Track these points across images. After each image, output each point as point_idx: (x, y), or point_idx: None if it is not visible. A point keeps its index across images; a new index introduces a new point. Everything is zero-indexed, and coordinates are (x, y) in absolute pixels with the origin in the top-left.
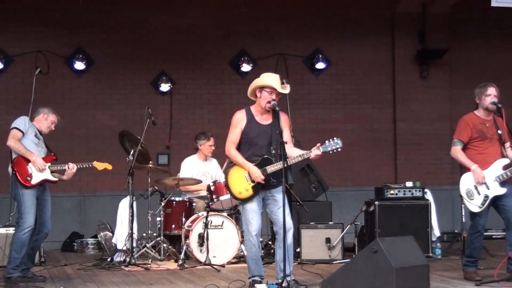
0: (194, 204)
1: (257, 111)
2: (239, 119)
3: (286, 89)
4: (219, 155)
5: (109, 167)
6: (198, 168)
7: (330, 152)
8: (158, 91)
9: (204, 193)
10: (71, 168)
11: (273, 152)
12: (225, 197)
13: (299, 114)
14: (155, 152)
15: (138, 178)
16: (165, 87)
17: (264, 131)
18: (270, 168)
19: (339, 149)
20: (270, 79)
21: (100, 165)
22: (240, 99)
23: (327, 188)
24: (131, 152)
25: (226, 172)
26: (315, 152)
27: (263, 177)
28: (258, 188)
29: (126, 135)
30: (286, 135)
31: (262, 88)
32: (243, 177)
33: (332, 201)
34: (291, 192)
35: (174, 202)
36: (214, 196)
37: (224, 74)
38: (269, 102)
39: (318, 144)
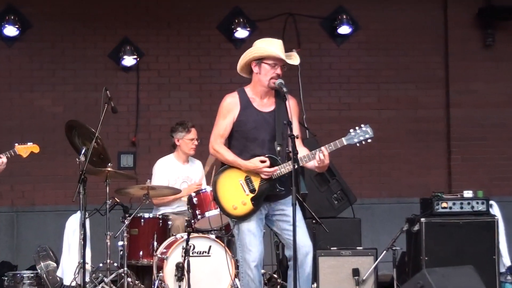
0: (170, 222)
1: (254, 94)
2: (230, 106)
3: (295, 59)
4: (205, 154)
5: (36, 149)
6: (176, 173)
7: (357, 144)
8: (119, 66)
9: (184, 207)
10: None
11: (278, 149)
12: (214, 212)
13: (315, 97)
14: (116, 150)
15: (92, 186)
16: (129, 60)
17: (264, 120)
18: (278, 172)
19: (368, 140)
20: (271, 46)
21: (24, 149)
22: (234, 77)
23: (354, 200)
24: (83, 151)
25: (214, 180)
26: (320, 155)
27: (273, 168)
28: (260, 200)
29: (75, 127)
30: (295, 127)
31: (260, 60)
32: (237, 185)
33: (361, 217)
34: (305, 205)
35: (142, 220)
36: (198, 212)
37: (211, 42)
38: (273, 79)
39: (324, 147)
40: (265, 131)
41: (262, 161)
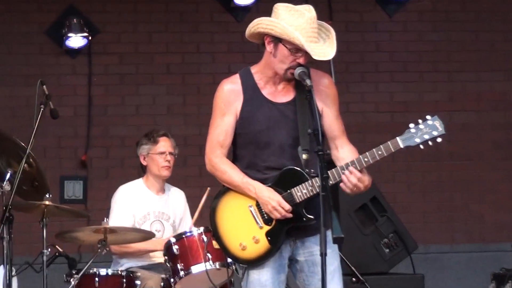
0: (138, 282)
1: (265, 77)
2: (230, 96)
3: (329, 48)
4: (191, 180)
5: None
6: (145, 207)
7: (421, 146)
8: (61, 49)
9: (159, 259)
10: None
11: (305, 157)
12: (201, 267)
13: (356, 93)
14: (57, 174)
15: (22, 229)
16: (76, 40)
17: (281, 116)
18: (301, 191)
19: (438, 139)
20: (297, 23)
21: None
22: (234, 63)
23: (414, 248)
24: (7, 176)
25: (213, 206)
26: (346, 174)
27: (289, 207)
28: (280, 236)
29: None
30: (332, 121)
31: (278, 38)
32: (246, 214)
33: (425, 273)
34: (340, 254)
35: (97, 279)
36: (180, 266)
37: (200, 12)
38: (291, 69)
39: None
40: (283, 132)
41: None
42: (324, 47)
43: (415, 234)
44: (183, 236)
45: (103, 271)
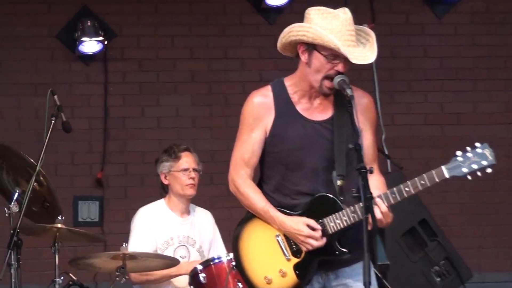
0: None
1: (299, 90)
2: (259, 110)
3: (369, 52)
4: (219, 200)
5: None
6: (169, 231)
7: (468, 176)
8: (74, 54)
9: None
10: None
11: (340, 184)
12: None
13: (402, 104)
14: (70, 194)
15: (32, 255)
16: (91, 44)
17: (317, 135)
18: (334, 221)
19: (488, 170)
20: (332, 26)
21: None
22: (266, 70)
23: (468, 276)
24: (15, 196)
25: (236, 234)
26: (376, 210)
27: (323, 241)
28: (309, 269)
29: (2, 157)
30: (367, 146)
31: (312, 45)
32: (273, 245)
33: None
34: (386, 284)
35: None
36: None
37: (229, 14)
38: (327, 80)
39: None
40: (317, 153)
41: (310, 227)
42: (364, 51)
43: (469, 261)
44: (211, 263)
45: None
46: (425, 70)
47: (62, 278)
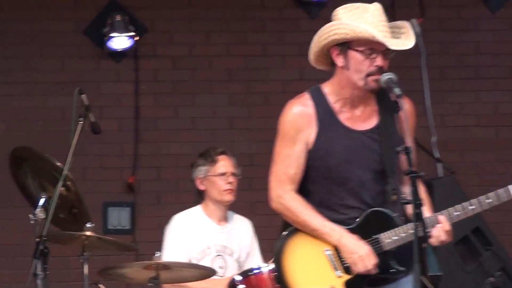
0: None
1: (340, 98)
2: (299, 122)
3: (407, 39)
4: (259, 206)
5: None
6: (205, 240)
7: None
8: (103, 51)
9: None
10: None
11: (394, 196)
12: None
13: (454, 104)
14: (99, 200)
15: (60, 264)
16: (120, 40)
17: (362, 145)
18: (391, 238)
19: None
20: (362, 18)
21: None
22: (307, 68)
23: None
24: (41, 202)
25: (279, 247)
26: (437, 229)
27: (374, 261)
28: (361, 287)
29: (27, 160)
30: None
31: (346, 45)
32: (321, 260)
33: None
34: None
35: None
36: None
37: (267, 9)
38: (372, 76)
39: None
40: (364, 166)
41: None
42: (401, 40)
43: None
44: (250, 273)
45: None
46: (478, 67)
47: None
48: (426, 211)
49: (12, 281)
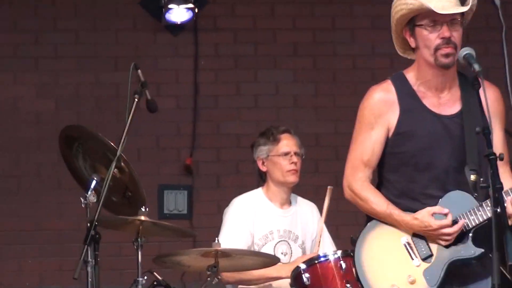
0: None
1: (423, 83)
2: (380, 108)
3: (461, 6)
4: (324, 189)
5: None
6: (267, 225)
7: None
8: (160, 23)
9: None
10: None
11: (473, 179)
12: None
13: None
14: (155, 182)
15: (112, 251)
16: (179, 12)
17: (446, 131)
18: (469, 218)
19: None
20: None
21: None
22: (379, 44)
23: None
24: (93, 184)
25: (359, 240)
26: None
27: (458, 226)
28: (440, 274)
29: (78, 140)
30: (496, 143)
31: (412, 22)
32: (400, 250)
33: None
34: None
35: None
36: None
37: None
38: (442, 51)
39: None
40: (447, 152)
41: (436, 214)
42: (458, 4)
43: None
44: (316, 261)
45: None
46: None
47: (145, 277)
48: None
49: (60, 269)
